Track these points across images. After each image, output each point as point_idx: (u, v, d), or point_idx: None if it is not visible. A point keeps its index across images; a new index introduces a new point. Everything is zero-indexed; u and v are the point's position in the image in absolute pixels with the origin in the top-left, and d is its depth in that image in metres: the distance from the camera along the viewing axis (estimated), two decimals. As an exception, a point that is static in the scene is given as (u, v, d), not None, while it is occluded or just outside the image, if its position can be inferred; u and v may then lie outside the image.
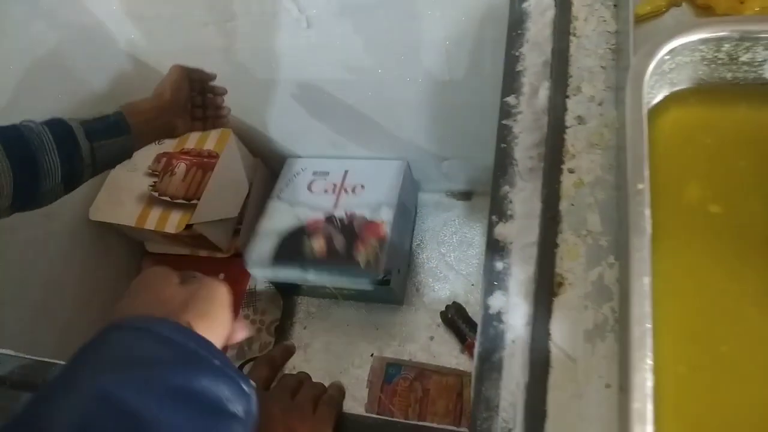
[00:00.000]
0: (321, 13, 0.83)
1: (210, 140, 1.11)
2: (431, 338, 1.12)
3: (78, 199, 1.04)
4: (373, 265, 1.02)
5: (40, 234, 0.96)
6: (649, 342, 0.28)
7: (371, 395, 1.03)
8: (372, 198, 1.11)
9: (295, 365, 1.16)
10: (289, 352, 0.51)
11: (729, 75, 0.38)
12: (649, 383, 0.28)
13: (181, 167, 1.08)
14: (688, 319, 0.33)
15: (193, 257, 1.16)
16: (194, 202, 1.03)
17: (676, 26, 0.36)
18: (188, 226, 1.01)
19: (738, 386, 0.31)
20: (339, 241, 1.07)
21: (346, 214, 1.10)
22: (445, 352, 1.10)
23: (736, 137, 0.37)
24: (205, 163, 1.08)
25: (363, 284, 1.05)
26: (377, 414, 1.01)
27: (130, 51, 0.97)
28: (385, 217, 1.07)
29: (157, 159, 1.11)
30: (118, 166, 1.09)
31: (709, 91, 0.39)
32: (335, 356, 1.15)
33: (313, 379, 0.50)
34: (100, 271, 1.10)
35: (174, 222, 1.01)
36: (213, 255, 1.15)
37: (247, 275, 1.13)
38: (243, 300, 1.11)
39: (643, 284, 0.29)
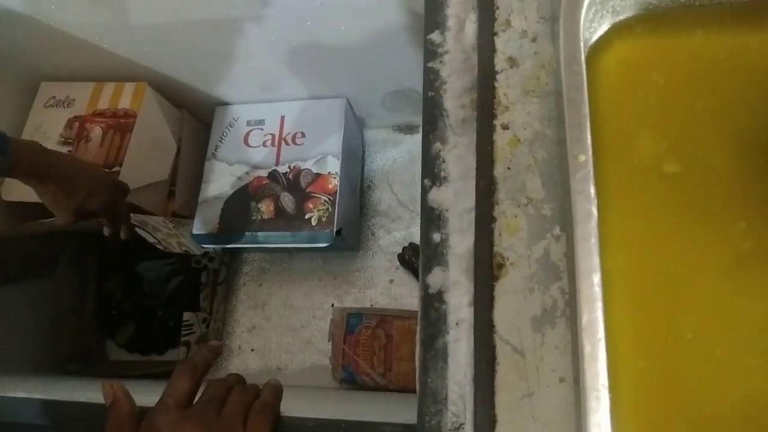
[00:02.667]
0: (220, -60, 0.72)
1: (124, 98, 1.00)
2: (391, 281, 1.09)
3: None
4: (326, 223, 0.97)
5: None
6: (603, 356, 0.23)
7: (334, 348, 1.00)
8: (315, 147, 1.03)
9: (255, 324, 1.12)
10: (215, 353, 0.45)
11: (682, -4, 0.31)
12: (606, 403, 0.23)
13: (96, 131, 0.98)
14: (648, 305, 0.29)
15: (129, 225, 1.08)
16: (116, 169, 0.93)
17: (617, -58, 0.29)
18: (114, 197, 0.92)
19: (705, 378, 0.27)
20: (287, 201, 1.00)
21: (290, 168, 1.03)
22: (406, 294, 1.07)
23: (692, 73, 0.31)
24: (122, 124, 0.97)
25: (317, 243, 0.99)
26: (342, 366, 0.99)
27: (10, 4, 0.84)
28: (332, 168, 1.00)
29: (69, 125, 0.99)
30: (27, 135, 0.99)
31: (659, 18, 0.32)
32: (295, 311, 1.11)
33: (272, 379, 0.45)
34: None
35: (96, 194, 0.92)
36: (149, 221, 1.06)
37: (189, 238, 1.06)
38: (186, 264, 1.05)
39: (592, 284, 0.24)
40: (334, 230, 0.97)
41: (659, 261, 0.29)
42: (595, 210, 0.25)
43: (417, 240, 1.08)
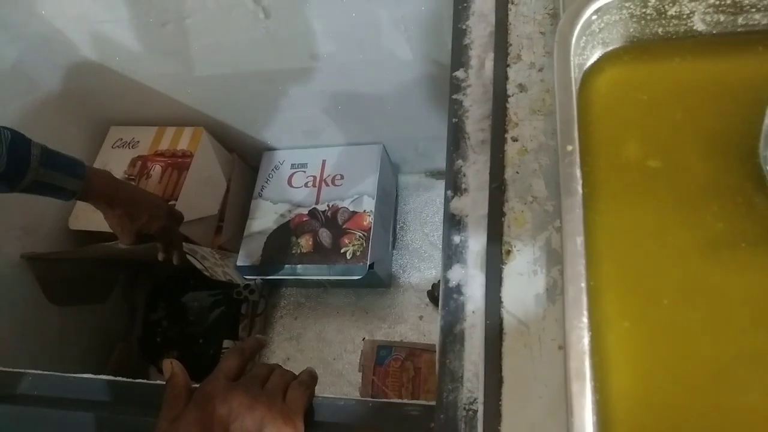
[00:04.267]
0: (277, 2, 0.82)
1: (183, 140, 1.11)
2: (420, 317, 1.13)
3: (56, 209, 1.04)
4: (360, 257, 1.04)
5: (19, 249, 0.96)
6: (584, 301, 0.28)
7: (364, 379, 1.04)
8: (353, 188, 1.12)
9: (289, 356, 1.17)
10: (260, 344, 0.51)
11: (660, 30, 0.38)
12: (586, 340, 0.28)
13: (156, 169, 1.08)
14: (630, 275, 0.34)
15: (178, 258, 1.17)
16: (172, 202, 1.03)
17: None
18: (168, 227, 1.01)
19: (681, 338, 0.32)
20: (324, 236, 1.08)
21: (329, 207, 1.11)
22: (435, 330, 1.10)
23: (671, 91, 0.38)
24: (179, 163, 1.08)
25: (351, 275, 1.06)
26: (371, 396, 1.02)
27: (92, 57, 0.97)
28: (368, 207, 1.08)
29: (132, 163, 1.10)
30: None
31: (643, 48, 0.39)
32: (328, 344, 1.15)
33: (309, 367, 0.50)
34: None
35: (153, 224, 1.01)
36: (197, 254, 1.15)
37: (232, 271, 1.13)
38: (230, 295, 1.12)
39: (576, 244, 0.30)
40: (368, 263, 1.03)
41: (641, 240, 0.34)
42: (579, 188, 0.31)
43: (446, 278, 1.13)
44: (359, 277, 1.04)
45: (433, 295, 1.11)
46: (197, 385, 0.47)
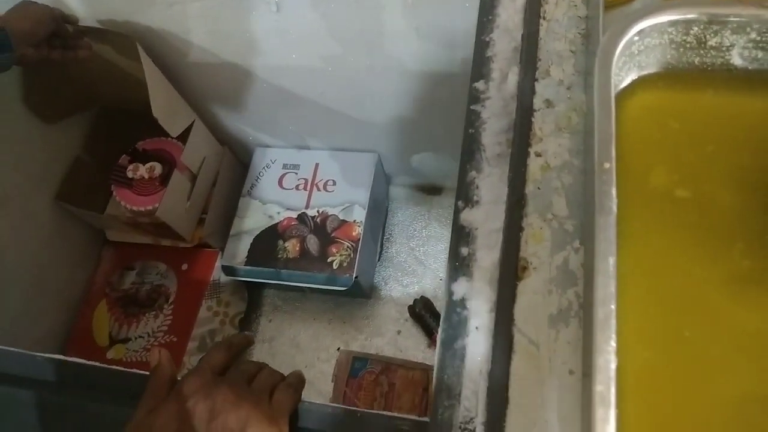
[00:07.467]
0: (291, -3, 0.81)
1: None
2: (398, 332, 1.11)
3: (32, 185, 1.00)
4: (346, 268, 1.02)
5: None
6: (613, 324, 0.27)
7: (336, 389, 1.01)
8: (344, 195, 1.10)
9: (259, 359, 1.13)
10: (248, 341, 0.49)
11: (697, 60, 0.38)
12: (613, 366, 0.27)
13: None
14: (651, 304, 0.33)
15: (156, 246, 1.13)
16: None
17: (645, 9, 0.36)
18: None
19: (700, 372, 0.31)
20: (312, 243, 1.05)
21: (318, 212, 1.09)
22: (412, 347, 1.09)
23: (704, 122, 0.37)
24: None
25: (336, 286, 1.03)
26: (342, 408, 0.99)
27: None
28: (358, 217, 1.06)
29: (120, 144, 1.07)
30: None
31: (677, 76, 0.38)
32: (301, 350, 1.13)
33: (297, 370, 0.48)
34: (57, 260, 1.06)
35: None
36: (176, 244, 1.12)
37: (211, 266, 1.10)
38: (206, 291, 1.08)
39: (608, 264, 0.29)
40: (354, 276, 1.01)
41: (666, 269, 0.33)
42: (614, 207, 0.30)
43: (429, 294, 1.12)
44: (343, 289, 1.02)
45: (414, 310, 1.10)
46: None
